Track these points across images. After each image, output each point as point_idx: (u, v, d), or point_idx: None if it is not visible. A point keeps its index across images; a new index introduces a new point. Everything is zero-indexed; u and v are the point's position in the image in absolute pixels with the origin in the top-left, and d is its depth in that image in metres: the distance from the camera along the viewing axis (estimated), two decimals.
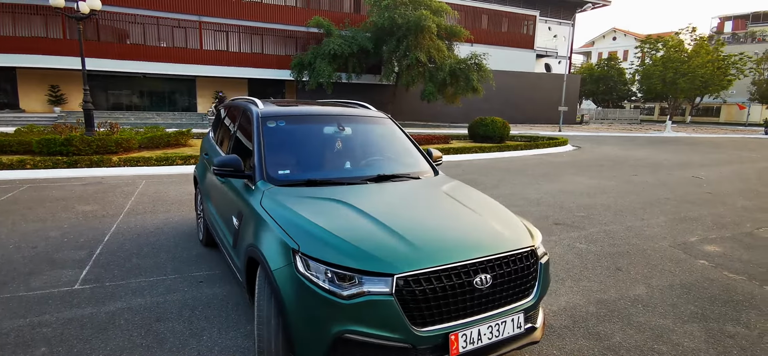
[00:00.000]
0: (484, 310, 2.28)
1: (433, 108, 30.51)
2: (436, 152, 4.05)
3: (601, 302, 3.82)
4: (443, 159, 4.23)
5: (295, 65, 26.78)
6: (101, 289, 3.78)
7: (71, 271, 4.14)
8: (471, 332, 2.20)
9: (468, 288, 2.22)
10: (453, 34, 27.23)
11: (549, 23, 41.59)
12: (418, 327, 2.11)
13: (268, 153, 3.23)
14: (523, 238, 2.55)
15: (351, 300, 2.05)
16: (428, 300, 2.13)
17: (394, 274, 2.08)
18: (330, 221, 2.44)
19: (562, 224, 6.28)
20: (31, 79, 26.31)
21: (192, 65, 27.56)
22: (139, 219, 5.98)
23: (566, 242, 5.48)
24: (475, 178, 10.19)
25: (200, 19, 27.34)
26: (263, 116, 3.51)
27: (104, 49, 25.62)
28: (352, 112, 4.04)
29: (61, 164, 9.88)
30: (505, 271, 2.35)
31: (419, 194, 3.14)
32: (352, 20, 28.55)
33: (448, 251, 2.26)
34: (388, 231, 2.34)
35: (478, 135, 18.09)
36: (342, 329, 2.05)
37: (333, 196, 2.79)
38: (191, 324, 3.22)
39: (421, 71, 25.86)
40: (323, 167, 3.44)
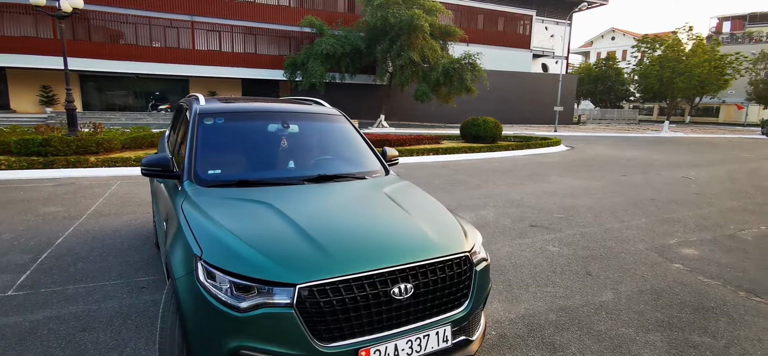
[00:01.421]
0: (403, 323, 2.08)
1: (428, 108, 30.30)
2: (391, 151, 3.84)
3: (563, 309, 3.61)
4: (400, 160, 4.03)
5: (288, 65, 26.61)
6: (34, 296, 3.58)
7: (9, 276, 3.94)
8: (386, 347, 2.00)
9: (384, 298, 2.02)
10: (447, 33, 27.03)
11: (546, 23, 41.39)
12: (324, 342, 1.91)
13: (200, 152, 3.03)
14: (455, 243, 2.34)
15: (248, 312, 1.85)
16: (336, 312, 1.92)
17: (296, 284, 1.88)
18: (243, 225, 2.24)
19: (538, 226, 6.07)
20: (22, 79, 26.15)
21: (185, 65, 27.38)
22: (100, 221, 5.78)
23: (539, 244, 5.27)
24: (461, 178, 9.99)
25: (192, 19, 27.17)
26: (201, 113, 3.32)
27: (96, 49, 25.46)
28: (302, 109, 3.84)
29: (36, 165, 9.70)
30: (430, 280, 2.15)
31: (356, 195, 2.94)
32: (345, 20, 28.37)
33: (364, 257, 2.06)
34: (302, 236, 2.14)
35: (470, 135, 17.88)
36: (238, 345, 1.85)
37: (259, 198, 2.59)
38: (118, 335, 3.02)
39: (415, 71, 25.64)
40: (261, 166, 3.24)
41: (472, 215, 6.62)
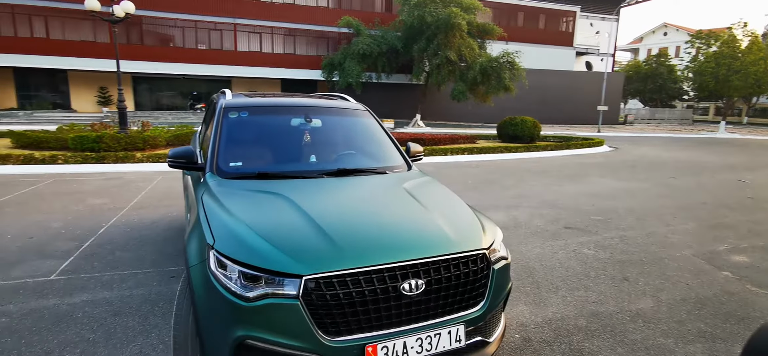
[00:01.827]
0: (413, 320, 2.02)
1: (464, 108, 29.86)
2: (415, 146, 3.77)
3: (595, 315, 3.42)
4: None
5: (326, 65, 26.98)
6: (74, 281, 3.78)
7: (53, 262, 4.19)
8: (395, 344, 1.94)
9: (394, 294, 1.96)
10: (485, 31, 26.53)
11: (591, 19, 39.78)
12: (330, 336, 1.88)
13: (223, 145, 3.09)
14: (471, 240, 2.26)
15: (254, 302, 1.85)
16: (343, 305, 1.89)
17: (303, 276, 1.86)
18: (257, 216, 2.26)
19: (573, 228, 5.81)
20: (82, 81, 27.95)
21: (227, 66, 28.37)
22: (140, 213, 6.06)
23: (572, 247, 5.04)
24: (494, 178, 9.75)
25: (235, 22, 28.10)
26: (226, 107, 3.39)
27: (147, 52, 26.83)
28: (326, 103, 3.85)
29: (89, 160, 10.31)
30: (443, 277, 2.07)
31: (374, 189, 2.90)
32: (382, 20, 28.44)
33: (374, 251, 2.01)
34: (314, 228, 2.12)
35: (506, 135, 17.44)
36: (243, 334, 1.85)
37: (277, 190, 2.60)
38: (146, 321, 3.13)
39: (452, 70, 25.33)
40: (282, 159, 3.26)
41: (503, 215, 6.43)
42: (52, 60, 24.89)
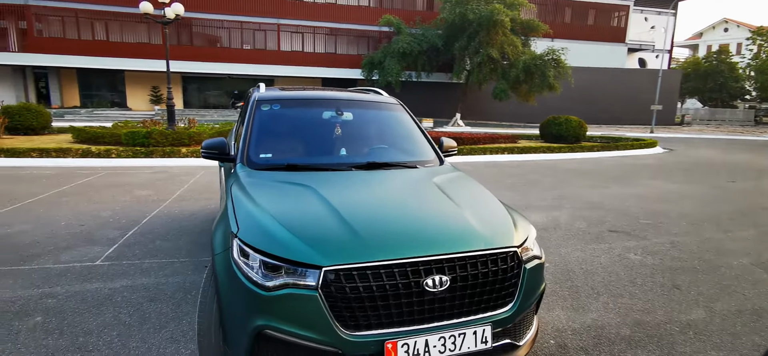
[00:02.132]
0: (437, 318, 1.93)
1: (506, 107, 29.13)
2: (448, 141, 3.66)
3: (639, 324, 3.18)
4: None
5: (366, 64, 27.11)
6: (116, 267, 3.95)
7: (99, 248, 4.40)
8: (416, 342, 1.86)
9: (416, 289, 1.88)
10: (530, 28, 25.76)
11: (646, 13, 37.71)
12: (350, 330, 1.82)
13: (254, 136, 3.11)
14: (502, 237, 2.14)
15: (273, 291, 1.82)
16: (362, 299, 1.83)
17: (322, 267, 1.81)
18: (282, 207, 2.24)
19: (619, 232, 5.48)
20: (137, 81, 29.56)
21: (271, 66, 29.10)
22: (182, 205, 6.28)
23: (617, 251, 4.74)
24: (534, 178, 9.40)
25: (279, 22, 28.79)
26: (259, 100, 3.42)
27: (196, 52, 28.00)
28: (358, 97, 3.81)
29: (139, 155, 10.86)
30: (469, 274, 1.97)
31: (402, 183, 2.82)
32: (423, 18, 28.24)
33: (397, 244, 1.94)
34: (338, 220, 2.08)
35: (549, 135, 16.83)
36: (262, 324, 1.83)
37: (304, 182, 2.58)
38: (179, 307, 3.21)
39: (493, 68, 24.76)
40: (312, 152, 3.25)
41: (542, 215, 6.16)
42: (111, 61, 26.46)
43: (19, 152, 10.37)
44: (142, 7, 14.30)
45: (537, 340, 2.87)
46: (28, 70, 27.90)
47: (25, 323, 2.95)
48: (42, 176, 8.29)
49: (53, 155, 10.45)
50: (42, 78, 28.76)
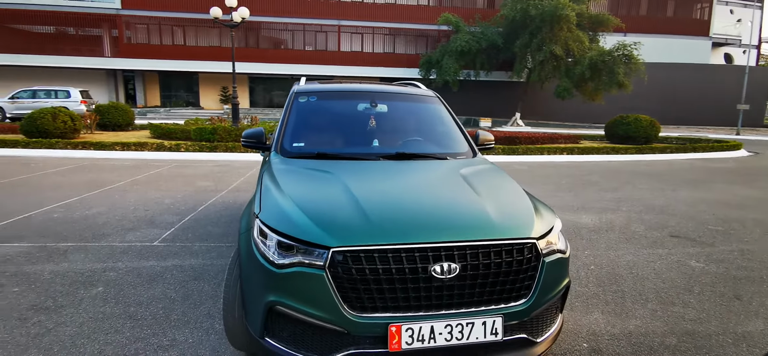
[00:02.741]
0: (445, 306, 1.90)
1: (570, 107, 27.71)
2: (485, 135, 3.59)
3: (689, 334, 2.92)
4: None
5: (423, 64, 27.04)
6: (170, 248, 4.28)
7: (159, 231, 4.79)
8: (421, 327, 1.85)
9: (424, 275, 1.87)
10: (598, 23, 24.34)
11: (731, 5, 34.19)
12: (355, 311, 1.85)
13: (290, 126, 3.24)
14: (519, 227, 2.06)
15: (284, 269, 1.90)
16: (368, 281, 1.85)
17: (330, 248, 1.86)
18: (303, 191, 2.32)
19: (682, 237, 5.04)
20: (209, 82, 31.67)
21: (331, 66, 29.90)
22: (236, 195, 6.66)
23: (676, 257, 4.37)
24: (594, 180, 8.88)
25: (339, 23, 29.51)
26: (297, 93, 3.56)
27: (261, 54, 29.48)
28: (394, 90, 3.84)
29: (204, 149, 11.65)
30: (480, 263, 1.92)
31: (428, 173, 2.80)
32: (483, 15, 27.63)
33: (405, 230, 1.94)
34: (353, 205, 2.11)
35: (616, 135, 15.77)
36: (274, 300, 1.91)
37: (330, 169, 2.65)
38: (218, 287, 3.42)
39: (557, 66, 23.67)
40: (343, 142, 3.31)
41: (594, 217, 5.82)
42: (186, 64, 28.58)
43: (106, 146, 11.53)
44: (212, 12, 15.32)
45: (567, 342, 2.75)
46: (118, 74, 30.88)
47: (89, 291, 3.30)
48: (122, 166, 9.16)
49: (132, 148, 11.50)
50: (130, 80, 31.70)
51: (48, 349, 2.55)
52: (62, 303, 3.11)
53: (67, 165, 9.13)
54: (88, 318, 2.91)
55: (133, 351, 2.56)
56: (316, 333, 1.90)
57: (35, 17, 27.36)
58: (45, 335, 2.70)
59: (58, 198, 6.15)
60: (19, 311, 2.99)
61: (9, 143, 11.49)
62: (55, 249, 4.16)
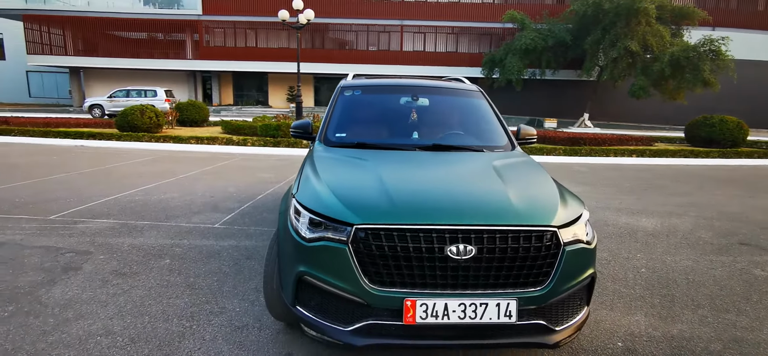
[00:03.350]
0: (460, 286, 1.98)
1: (647, 107, 25.78)
2: (526, 129, 3.60)
3: (737, 341, 2.74)
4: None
5: (486, 62, 26.52)
6: (229, 230, 4.69)
7: (221, 215, 5.25)
8: (435, 303, 1.95)
9: (439, 255, 1.97)
10: (682, 16, 22.43)
11: None
12: (375, 284, 1.99)
13: (334, 118, 3.46)
14: (540, 215, 2.09)
15: (312, 243, 2.09)
16: (387, 257, 1.98)
17: (353, 225, 2.01)
18: (337, 175, 2.51)
19: (752, 245, 4.63)
20: (277, 82, 33.32)
21: (393, 66, 30.22)
22: None
23: (740, 265, 4.04)
24: (662, 184, 8.30)
25: (402, 23, 29.76)
26: (343, 87, 3.77)
27: (326, 55, 30.50)
28: (436, 84, 3.93)
29: (269, 144, 12.38)
30: (497, 246, 1.98)
31: (461, 163, 2.87)
32: (551, 11, 26.52)
33: (426, 211, 2.05)
34: (380, 188, 2.26)
35: (698, 138, 14.51)
36: (303, 270, 2.10)
37: (367, 157, 2.82)
38: None
39: (632, 63, 22.15)
40: (383, 133, 3.46)
41: (656, 221, 5.48)
42: (257, 65, 30.29)
43: (182, 139, 12.64)
44: (280, 15, 16.20)
45: (601, 339, 2.71)
46: (197, 74, 33.45)
47: (158, 263, 3.74)
48: (195, 158, 10.02)
49: (205, 142, 12.50)
50: (207, 80, 34.21)
51: (122, 306, 2.95)
52: (136, 271, 3.56)
53: (150, 156, 10.15)
54: (155, 284, 3.31)
55: (189, 314, 2.89)
56: (339, 303, 2.07)
57: (131, 25, 30.41)
58: (120, 295, 3.12)
59: (140, 184, 6.91)
60: (102, 275, 3.47)
61: (105, 136, 12.97)
62: (134, 226, 4.73)
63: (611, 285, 3.56)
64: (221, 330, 2.71)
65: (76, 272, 3.50)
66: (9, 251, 3.91)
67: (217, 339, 2.62)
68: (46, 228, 4.57)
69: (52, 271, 3.50)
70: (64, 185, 6.68)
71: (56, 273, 3.46)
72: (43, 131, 13.32)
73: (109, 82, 30.98)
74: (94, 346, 2.50)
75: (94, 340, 2.56)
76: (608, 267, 3.95)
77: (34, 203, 5.56)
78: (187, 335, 2.64)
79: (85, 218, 4.95)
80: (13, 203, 5.53)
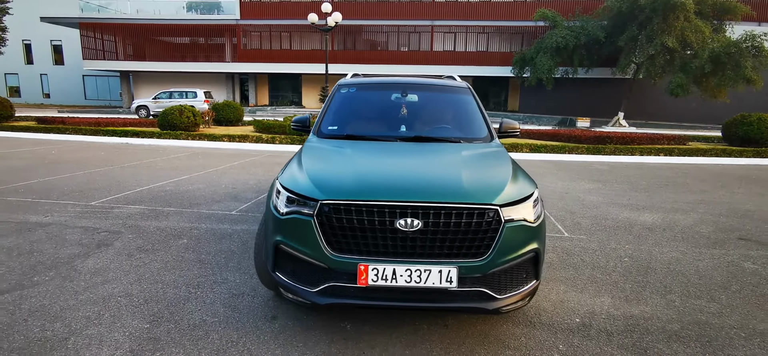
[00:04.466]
0: (408, 255, 2.28)
1: (686, 106, 24.67)
2: (509, 123, 3.86)
3: (698, 324, 2.88)
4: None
5: (517, 61, 26.19)
6: (243, 216, 5.15)
7: (239, 204, 5.73)
8: (384, 268, 2.26)
9: (390, 227, 2.27)
10: (724, 10, 21.36)
11: None
12: (335, 251, 2.32)
13: (329, 113, 3.82)
14: (483, 194, 2.36)
15: (286, 216, 2.45)
16: (345, 228, 2.31)
17: (319, 200, 2.36)
18: (317, 161, 2.86)
19: (751, 241, 4.62)
20: (310, 83, 34.23)
21: (423, 66, 30.40)
22: None
23: (731, 258, 4.09)
24: (682, 182, 8.17)
25: (433, 24, 29.89)
26: (340, 85, 4.12)
27: (358, 56, 31.03)
28: (426, 82, 4.20)
29: (296, 142, 12.95)
30: (442, 222, 2.27)
31: (433, 152, 3.14)
32: (584, 8, 25.87)
33: (381, 190, 2.36)
34: (351, 171, 2.58)
35: (735, 137, 13.91)
36: (279, 239, 2.47)
37: (350, 146, 3.16)
38: None
39: (669, 60, 21.32)
40: (371, 126, 3.78)
41: (658, 216, 5.52)
42: (291, 66, 31.27)
43: (216, 137, 13.42)
44: (310, 18, 16.81)
45: (559, 315, 2.93)
46: (235, 76, 34.90)
47: (177, 242, 4.22)
48: (225, 154, 10.69)
49: (237, 140, 13.23)
50: (245, 82, 35.62)
51: (141, 274, 3.43)
52: (157, 248, 4.05)
53: (186, 152, 10.91)
54: (171, 259, 3.78)
55: (196, 283, 3.32)
56: (307, 268, 2.42)
57: (175, 30, 32.16)
58: (141, 266, 3.61)
59: (172, 176, 7.55)
60: (129, 250, 3.98)
61: (148, 134, 13.97)
62: (161, 212, 5.28)
63: (589, 271, 3.73)
64: (220, 296, 3.13)
65: (107, 247, 4.04)
66: (55, 229, 4.52)
67: (216, 303, 3.03)
68: (87, 212, 5.19)
69: (88, 246, 4.05)
70: (107, 176, 7.41)
71: (91, 248, 4.00)
72: (94, 130, 14.50)
73: (156, 85, 32.88)
74: (115, 304, 2.97)
75: (115, 300, 3.03)
76: (593, 256, 4.10)
77: (80, 191, 6.26)
78: (192, 299, 3.07)
79: (120, 205, 5.56)
80: (62, 191, 6.24)
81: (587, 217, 5.47)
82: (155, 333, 2.63)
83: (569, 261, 3.95)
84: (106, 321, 2.75)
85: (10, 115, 17.06)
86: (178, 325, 2.72)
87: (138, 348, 2.47)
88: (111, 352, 2.42)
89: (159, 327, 2.70)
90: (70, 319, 2.76)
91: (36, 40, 37.77)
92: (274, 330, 2.71)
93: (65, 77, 38.26)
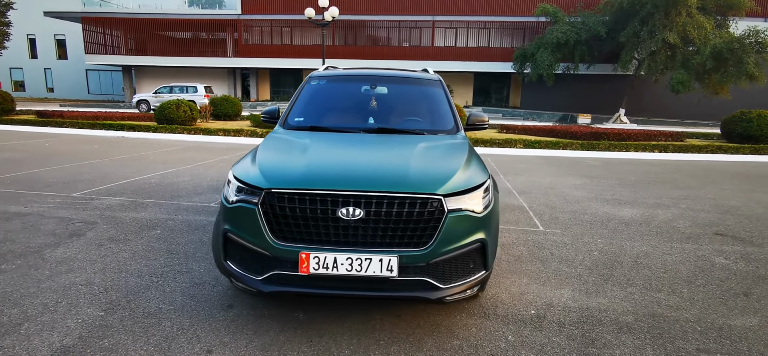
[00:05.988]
0: (350, 243, 2.29)
1: (689, 102, 24.44)
2: (478, 116, 3.85)
3: (652, 316, 2.87)
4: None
5: (518, 57, 26.09)
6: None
7: (219, 196, 5.75)
8: (325, 257, 2.26)
9: (332, 216, 2.28)
10: (727, 6, 21.15)
11: None
12: (278, 240, 2.34)
13: (297, 105, 3.82)
14: (427, 185, 2.35)
15: (232, 204, 2.46)
16: (287, 217, 2.32)
17: (263, 189, 2.37)
18: (270, 151, 2.88)
19: (727, 236, 4.59)
20: None
21: (424, 62, 30.29)
22: None
23: (703, 253, 4.06)
24: (672, 178, 8.11)
25: (434, 19, 29.78)
26: (311, 77, 4.13)
27: (359, 51, 31.00)
28: (396, 74, 4.19)
29: None
30: (383, 211, 2.27)
31: (392, 144, 3.12)
32: (585, 4, 25.69)
33: (323, 180, 2.36)
34: (300, 162, 2.59)
35: (734, 134, 13.79)
36: (227, 228, 2.49)
37: (311, 138, 3.17)
38: None
39: (671, 56, 21.14)
40: (337, 118, 3.78)
41: (638, 211, 5.49)
42: (292, 62, 31.32)
43: (211, 131, 13.48)
44: (307, 12, 16.80)
45: (516, 307, 2.93)
46: (237, 71, 34.99)
47: (150, 233, 4.26)
48: (218, 148, 10.75)
49: (232, 134, 13.28)
50: (247, 77, 35.71)
51: (107, 264, 3.47)
52: (129, 238, 4.09)
53: (179, 146, 10.97)
54: (141, 249, 3.82)
55: (160, 273, 3.35)
56: (253, 257, 2.44)
57: (177, 25, 32.27)
58: (109, 256, 3.64)
59: (160, 169, 7.60)
60: (100, 240, 4.02)
61: (143, 128, 14.05)
62: (141, 203, 5.32)
63: (556, 265, 3.72)
64: (181, 285, 3.15)
65: (79, 237, 4.08)
66: (31, 220, 4.57)
67: (176, 292, 3.06)
68: (66, 203, 5.25)
69: (60, 236, 4.10)
70: (95, 169, 7.47)
71: (63, 238, 4.05)
72: (91, 123, 14.61)
73: (158, 79, 33.04)
74: (74, 292, 3.00)
75: (75, 288, 3.06)
76: (563, 249, 4.09)
77: (64, 182, 6.31)
78: (152, 287, 3.10)
79: (101, 196, 5.61)
80: (46, 182, 6.30)
81: (566, 212, 5.45)
82: (108, 320, 2.66)
83: (538, 255, 3.94)
84: (62, 308, 2.78)
85: (11, 109, 17.22)
86: (132, 313, 2.75)
87: (87, 335, 2.50)
88: (60, 338, 2.46)
89: (113, 314, 2.73)
90: (27, 306, 2.80)
91: (40, 35, 38.06)
92: (228, 318, 2.74)
93: (69, 72, 38.54)
